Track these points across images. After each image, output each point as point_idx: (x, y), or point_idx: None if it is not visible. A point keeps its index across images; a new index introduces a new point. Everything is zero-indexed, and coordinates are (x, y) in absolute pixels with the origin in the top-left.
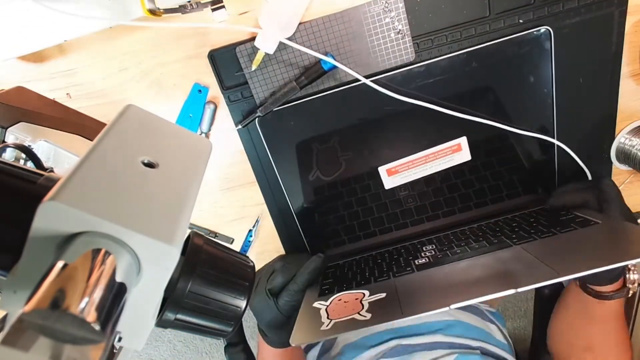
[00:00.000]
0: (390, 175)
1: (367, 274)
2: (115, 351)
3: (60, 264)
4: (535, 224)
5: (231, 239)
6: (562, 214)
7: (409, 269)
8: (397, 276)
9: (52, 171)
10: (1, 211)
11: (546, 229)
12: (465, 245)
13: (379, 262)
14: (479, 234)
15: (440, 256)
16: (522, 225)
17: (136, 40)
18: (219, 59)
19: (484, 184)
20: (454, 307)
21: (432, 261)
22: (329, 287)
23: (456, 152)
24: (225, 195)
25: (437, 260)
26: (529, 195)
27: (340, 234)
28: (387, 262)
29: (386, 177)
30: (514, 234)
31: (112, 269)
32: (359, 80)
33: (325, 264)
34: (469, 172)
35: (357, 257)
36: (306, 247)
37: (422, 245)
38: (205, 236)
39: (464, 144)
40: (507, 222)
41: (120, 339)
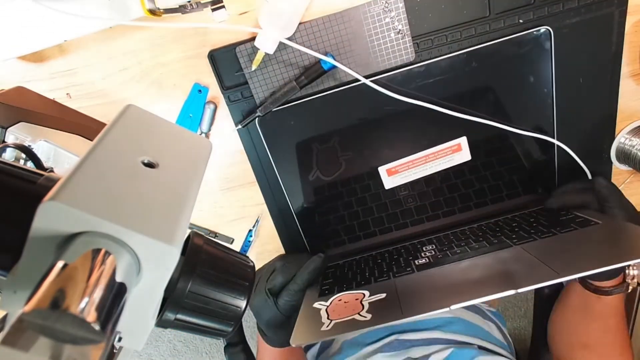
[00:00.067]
0: (390, 175)
1: (367, 274)
2: (115, 351)
3: (60, 264)
4: (535, 224)
5: (231, 239)
6: (562, 214)
7: (409, 269)
8: (397, 276)
9: (52, 171)
10: (1, 211)
11: (546, 229)
12: (465, 245)
13: (379, 262)
14: (479, 234)
15: (440, 256)
16: (522, 225)
17: (136, 40)
18: (219, 59)
19: (484, 184)
20: (454, 308)
21: (432, 261)
22: (329, 287)
23: (456, 152)
24: (225, 195)
25: (437, 260)
26: (529, 195)
27: (340, 234)
28: (387, 262)
29: (386, 177)
30: (514, 234)
31: (112, 269)
32: (359, 80)
33: (325, 264)
34: (469, 172)
35: (357, 257)
36: (306, 247)
37: (422, 245)
38: (205, 236)
39: (464, 144)
40: (507, 222)
41: (120, 339)
